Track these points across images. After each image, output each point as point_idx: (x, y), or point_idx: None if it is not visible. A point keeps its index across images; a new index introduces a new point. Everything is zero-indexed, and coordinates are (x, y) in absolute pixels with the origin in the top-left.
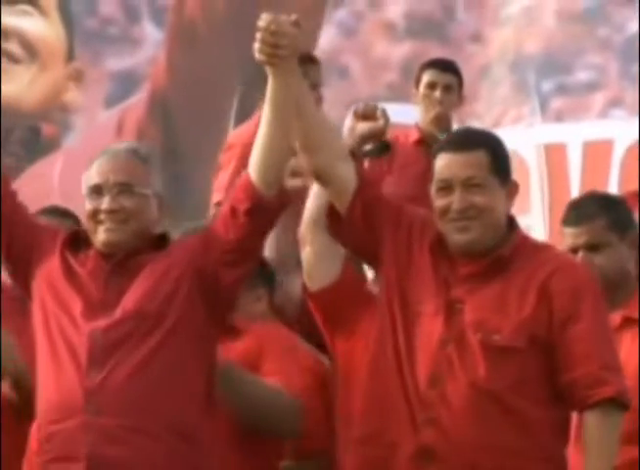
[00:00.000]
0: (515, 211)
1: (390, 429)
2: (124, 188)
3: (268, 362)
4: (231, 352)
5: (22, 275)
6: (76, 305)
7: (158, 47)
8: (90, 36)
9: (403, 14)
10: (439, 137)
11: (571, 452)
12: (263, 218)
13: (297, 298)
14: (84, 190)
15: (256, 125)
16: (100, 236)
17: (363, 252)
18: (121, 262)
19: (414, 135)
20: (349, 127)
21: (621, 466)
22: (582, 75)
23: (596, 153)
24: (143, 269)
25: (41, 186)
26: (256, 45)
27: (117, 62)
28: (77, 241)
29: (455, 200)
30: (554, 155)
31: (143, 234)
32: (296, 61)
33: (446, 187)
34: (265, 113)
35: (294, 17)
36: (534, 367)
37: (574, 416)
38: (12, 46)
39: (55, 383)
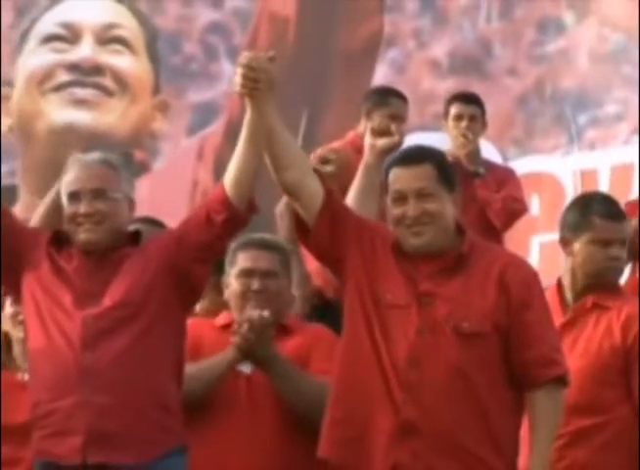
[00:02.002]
0: (554, 229)
1: (367, 410)
2: (98, 193)
3: (316, 362)
4: (283, 348)
5: (12, 278)
6: (66, 297)
7: (233, 82)
8: (174, 73)
9: (446, 52)
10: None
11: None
12: (236, 226)
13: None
14: (63, 196)
15: (346, 143)
16: (80, 236)
17: (329, 259)
18: (101, 258)
19: None
20: (369, 145)
21: (566, 435)
22: (610, 108)
23: (621, 175)
24: (122, 263)
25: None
26: (237, 79)
27: (198, 95)
28: (59, 240)
29: (409, 208)
30: (587, 180)
31: (117, 232)
32: (271, 92)
33: (400, 198)
34: (242, 136)
35: (270, 53)
36: (497, 350)
37: None
38: (106, 81)
39: (51, 366)
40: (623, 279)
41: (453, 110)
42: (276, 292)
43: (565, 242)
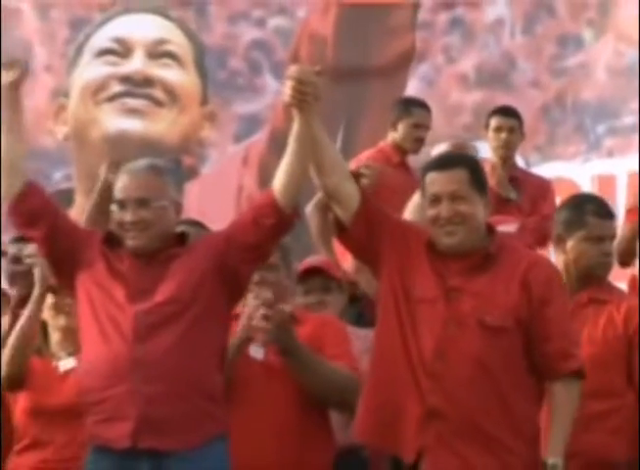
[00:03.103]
0: None
1: (397, 398)
2: (143, 202)
3: (329, 347)
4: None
5: (67, 274)
6: (119, 293)
7: (276, 95)
8: (221, 86)
9: (473, 66)
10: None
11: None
12: (283, 230)
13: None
14: (114, 202)
15: (376, 152)
16: (128, 242)
17: (365, 256)
18: (151, 258)
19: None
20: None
21: (580, 418)
22: (627, 119)
23: (636, 181)
24: (171, 263)
25: (184, 205)
26: (286, 91)
27: (243, 106)
28: (111, 240)
29: (443, 209)
30: (605, 185)
31: (164, 236)
32: (317, 104)
33: (435, 200)
34: (290, 145)
35: (317, 67)
36: (518, 343)
37: None
38: (156, 92)
39: (105, 357)
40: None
41: (493, 122)
42: (275, 282)
43: (558, 240)
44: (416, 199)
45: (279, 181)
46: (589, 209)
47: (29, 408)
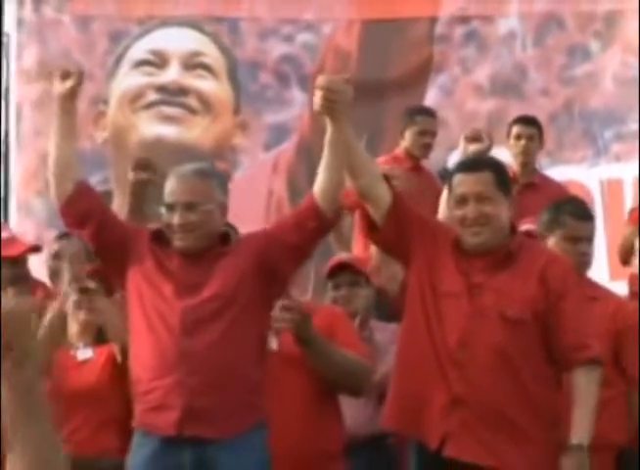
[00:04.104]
0: None
1: (423, 386)
2: (190, 206)
3: (340, 335)
4: None
5: (117, 269)
6: (167, 289)
7: (303, 106)
8: (252, 97)
9: (488, 77)
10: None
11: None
12: (324, 231)
13: (399, 278)
14: (163, 205)
15: (390, 159)
16: (176, 243)
17: (396, 252)
18: (198, 257)
19: None
20: (462, 150)
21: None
22: (634, 126)
23: None
24: (217, 261)
25: None
26: (317, 100)
27: (273, 117)
28: (161, 238)
29: (469, 210)
30: (612, 188)
31: (210, 236)
32: (347, 110)
33: (462, 200)
34: (325, 151)
35: (346, 75)
36: (537, 334)
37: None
38: (191, 101)
39: (153, 349)
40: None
41: (514, 130)
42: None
43: (541, 238)
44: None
45: (318, 186)
46: (567, 210)
47: (47, 393)
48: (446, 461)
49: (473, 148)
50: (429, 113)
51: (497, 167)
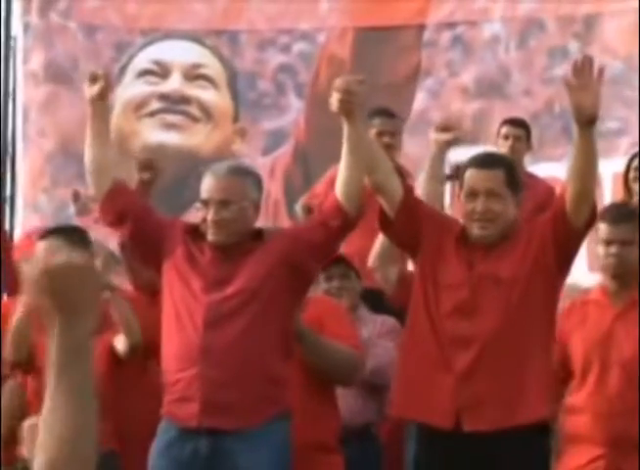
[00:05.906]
0: None
1: (428, 371)
2: (224, 204)
3: (330, 326)
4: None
5: (154, 261)
6: (197, 284)
7: (299, 112)
8: (251, 105)
9: (473, 79)
10: None
11: (567, 453)
12: (348, 229)
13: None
14: (198, 200)
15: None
16: (209, 237)
17: (406, 244)
18: (229, 252)
19: None
20: (434, 139)
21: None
22: (612, 124)
23: (621, 182)
24: (247, 257)
25: None
26: (334, 101)
27: (270, 123)
28: (196, 231)
29: (479, 205)
30: None
31: (241, 232)
32: (362, 110)
33: (472, 194)
34: (344, 151)
35: (361, 77)
36: (538, 294)
37: (563, 429)
38: (192, 109)
39: (179, 342)
40: None
41: (503, 130)
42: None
43: None
44: (426, 173)
45: (339, 186)
46: (600, 214)
47: (38, 389)
48: (462, 438)
49: (444, 136)
50: (385, 113)
51: (509, 166)
